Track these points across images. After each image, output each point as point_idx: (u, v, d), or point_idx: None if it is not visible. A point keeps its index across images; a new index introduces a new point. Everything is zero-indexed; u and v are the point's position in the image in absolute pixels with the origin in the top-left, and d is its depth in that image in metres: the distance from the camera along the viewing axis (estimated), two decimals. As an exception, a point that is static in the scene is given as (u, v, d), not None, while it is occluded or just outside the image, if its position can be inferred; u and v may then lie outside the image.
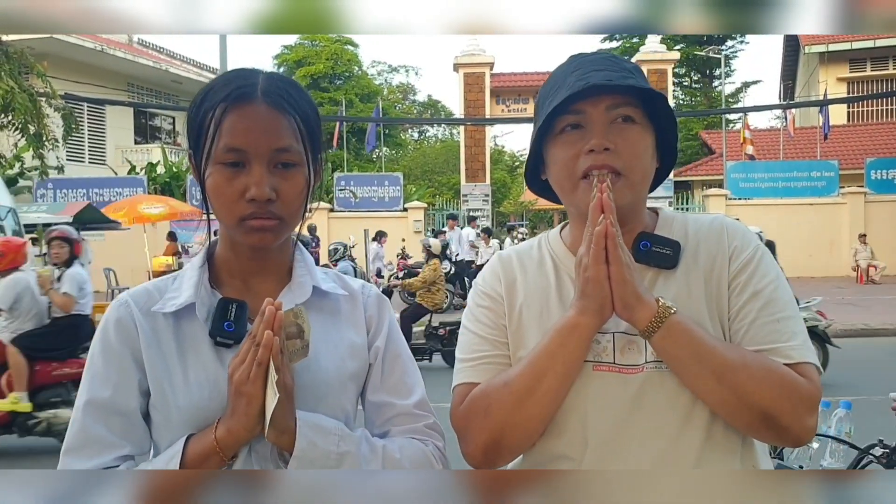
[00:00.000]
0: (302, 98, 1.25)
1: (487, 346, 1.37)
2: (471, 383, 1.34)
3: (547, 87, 1.36)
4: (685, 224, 1.37)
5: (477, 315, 1.40)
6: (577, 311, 1.24)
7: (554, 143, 1.32)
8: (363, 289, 1.38)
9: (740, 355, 1.22)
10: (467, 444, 1.31)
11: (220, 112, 1.18)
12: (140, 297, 1.26)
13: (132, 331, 1.22)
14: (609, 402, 1.26)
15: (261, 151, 1.18)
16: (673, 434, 1.25)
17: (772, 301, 1.28)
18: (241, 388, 1.12)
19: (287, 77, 1.28)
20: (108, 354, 1.21)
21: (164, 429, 1.20)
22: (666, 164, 1.38)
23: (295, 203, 1.22)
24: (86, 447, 1.17)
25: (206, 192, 1.21)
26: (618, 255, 1.20)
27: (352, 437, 1.21)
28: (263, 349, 1.11)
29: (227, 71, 1.28)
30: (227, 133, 1.18)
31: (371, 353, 1.33)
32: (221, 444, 1.14)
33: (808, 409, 1.22)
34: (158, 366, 1.20)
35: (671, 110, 1.33)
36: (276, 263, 1.31)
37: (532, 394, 1.25)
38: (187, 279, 1.27)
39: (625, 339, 1.28)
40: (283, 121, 1.20)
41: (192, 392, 1.19)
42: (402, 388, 1.33)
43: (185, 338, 1.23)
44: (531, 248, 1.45)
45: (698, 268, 1.32)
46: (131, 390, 1.20)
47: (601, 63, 1.31)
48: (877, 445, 2.89)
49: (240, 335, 1.20)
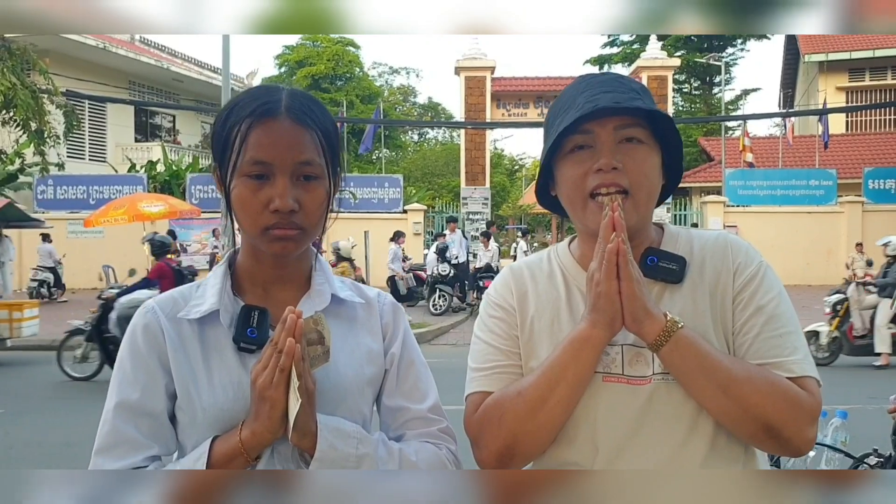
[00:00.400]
0: (323, 114, 1.30)
1: (500, 356, 1.41)
2: (484, 392, 1.39)
3: (557, 106, 1.41)
4: (690, 240, 1.42)
5: (490, 326, 1.45)
6: (589, 324, 1.28)
7: (563, 162, 1.37)
8: (378, 297, 1.43)
9: (744, 368, 1.27)
10: (481, 451, 1.36)
11: (245, 127, 1.23)
12: (166, 304, 1.31)
13: (159, 336, 1.27)
14: (618, 412, 1.31)
15: (285, 164, 1.23)
16: (679, 443, 1.30)
17: (775, 316, 1.33)
18: (265, 392, 1.17)
19: (308, 94, 1.33)
20: (136, 359, 1.26)
21: (190, 430, 1.25)
22: (672, 182, 1.43)
23: (316, 214, 1.27)
24: (117, 447, 1.22)
25: (231, 202, 1.26)
26: (628, 271, 1.25)
27: (370, 439, 1.26)
28: (286, 356, 1.15)
29: (252, 88, 1.33)
30: (252, 147, 1.22)
31: (387, 359, 1.38)
32: (246, 445, 1.19)
33: (808, 421, 1.27)
34: (185, 369, 1.25)
35: (677, 131, 1.37)
36: (295, 272, 1.35)
37: (544, 403, 1.30)
38: (210, 287, 1.32)
39: (633, 352, 1.33)
40: (305, 135, 1.25)
41: (217, 395, 1.24)
42: (416, 393, 1.38)
43: (210, 343, 1.28)
44: (541, 260, 1.50)
45: (703, 283, 1.37)
46: (159, 393, 1.25)
47: (610, 84, 1.36)
48: (871, 455, 2.94)
49: (262, 341, 1.25)
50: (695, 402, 1.29)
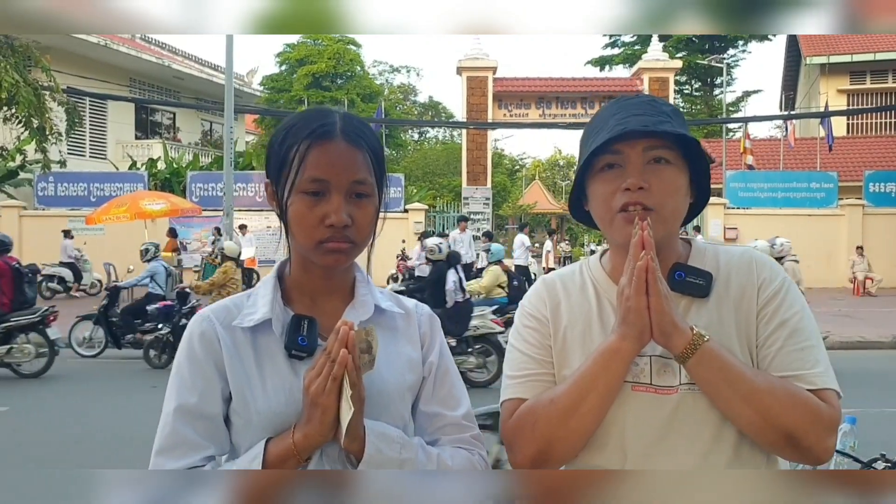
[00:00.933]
0: (372, 136, 1.39)
1: (534, 365, 1.47)
2: (519, 399, 1.45)
3: (591, 127, 1.48)
4: (716, 255, 1.47)
5: (524, 335, 1.50)
6: (619, 336, 1.34)
7: (595, 180, 1.43)
8: (416, 307, 1.51)
9: (767, 381, 1.32)
10: (515, 455, 1.42)
11: (304, 147, 1.32)
12: (220, 313, 1.38)
13: (215, 343, 1.34)
14: (646, 420, 1.37)
15: (340, 183, 1.31)
16: (704, 451, 1.35)
17: (797, 331, 1.38)
18: (317, 399, 1.24)
19: (358, 117, 1.42)
20: (193, 364, 1.33)
21: (245, 431, 1.32)
22: (700, 200, 1.48)
23: (367, 229, 1.36)
24: (177, 448, 1.29)
25: (288, 217, 1.34)
26: (657, 287, 1.30)
27: (412, 444, 1.34)
28: (338, 366, 1.22)
29: (306, 110, 1.41)
30: (311, 166, 1.31)
31: (425, 367, 1.45)
32: (298, 447, 1.26)
33: (828, 431, 1.32)
34: (240, 375, 1.32)
35: (703, 152, 1.42)
36: (341, 283, 1.43)
37: (576, 410, 1.35)
38: (261, 297, 1.39)
39: (660, 362, 1.38)
40: (358, 156, 1.34)
41: (270, 399, 1.31)
42: (451, 400, 1.44)
43: (263, 350, 1.35)
44: (573, 273, 1.55)
45: (729, 298, 1.41)
46: (215, 397, 1.32)
47: (641, 108, 1.42)
48: (879, 460, 2.96)
49: (312, 348, 1.33)
50: (719, 411, 1.34)
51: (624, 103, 1.45)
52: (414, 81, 61.68)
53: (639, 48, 34.50)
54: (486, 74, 25.78)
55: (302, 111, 1.40)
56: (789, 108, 34.51)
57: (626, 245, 1.35)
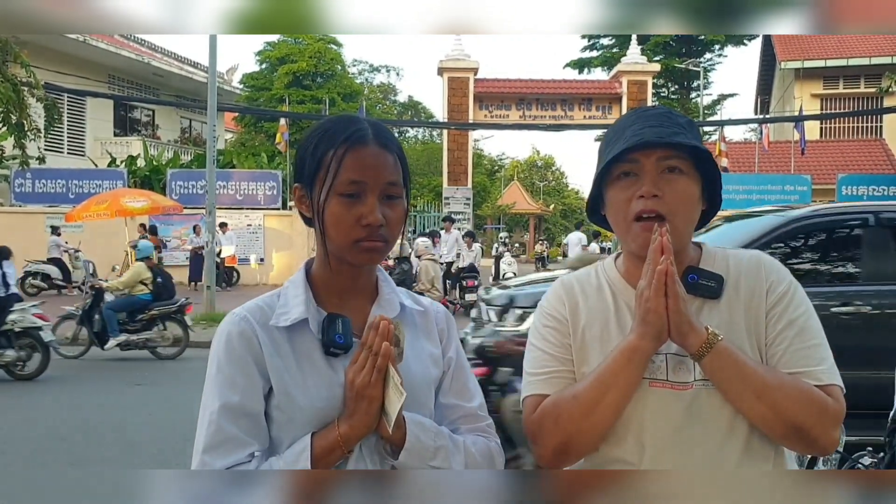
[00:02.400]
0: (398, 142, 1.46)
1: (555, 363, 1.55)
2: (541, 395, 1.53)
3: (609, 135, 1.56)
4: (726, 258, 1.57)
5: (544, 335, 1.59)
6: (638, 336, 1.43)
7: (611, 187, 1.52)
8: (433, 305, 1.58)
9: (777, 377, 1.42)
10: (539, 448, 1.51)
11: (342, 151, 1.38)
12: (255, 312, 1.42)
13: (254, 342, 1.38)
14: (663, 414, 1.46)
15: (375, 184, 1.38)
16: (718, 442, 1.44)
17: (804, 330, 1.48)
18: (364, 391, 1.31)
19: (383, 124, 1.49)
20: (234, 363, 1.37)
21: (287, 427, 1.36)
22: (713, 207, 1.59)
23: (397, 228, 1.42)
24: (222, 446, 1.32)
25: (324, 218, 1.39)
26: (675, 290, 1.40)
27: (442, 433, 1.42)
28: (382, 358, 1.31)
29: (334, 117, 1.48)
30: (348, 169, 1.37)
31: (445, 361, 1.53)
32: (344, 439, 1.32)
33: (834, 424, 1.43)
34: (282, 373, 1.36)
35: (715, 163, 1.53)
36: (367, 283, 1.50)
37: (597, 405, 1.44)
38: (292, 297, 1.44)
39: (676, 360, 1.47)
40: (390, 159, 1.41)
41: (312, 396, 1.36)
42: (466, 392, 1.53)
43: (300, 348, 1.39)
44: (589, 275, 1.64)
45: (739, 299, 1.51)
46: (257, 395, 1.36)
47: (657, 119, 1.51)
48: (865, 455, 3.09)
49: (348, 346, 1.38)
50: (732, 406, 1.43)
51: (641, 114, 1.54)
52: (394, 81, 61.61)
53: (617, 51, 34.75)
54: (468, 75, 25.88)
55: (331, 118, 1.46)
56: (764, 111, 34.93)
57: (641, 252, 1.44)
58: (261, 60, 37.01)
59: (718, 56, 39.10)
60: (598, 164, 1.56)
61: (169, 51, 32.96)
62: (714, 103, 38.81)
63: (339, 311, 1.42)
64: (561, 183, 56.02)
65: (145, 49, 30.40)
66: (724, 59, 66.06)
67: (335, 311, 1.42)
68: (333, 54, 36.14)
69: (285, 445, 1.35)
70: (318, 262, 1.48)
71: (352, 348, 1.37)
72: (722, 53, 38.90)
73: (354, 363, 1.34)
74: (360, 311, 1.44)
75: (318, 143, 1.41)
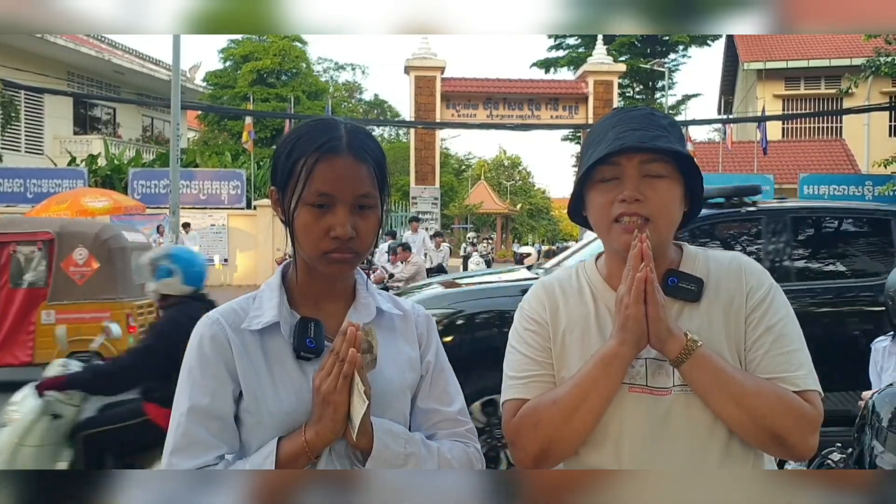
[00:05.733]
0: (377, 148, 1.43)
1: (535, 367, 1.53)
2: (521, 399, 1.51)
3: (590, 137, 1.54)
4: (706, 261, 1.55)
5: (524, 338, 1.57)
6: (618, 342, 1.42)
7: (593, 189, 1.50)
8: (413, 308, 1.57)
9: (755, 383, 1.41)
10: (518, 452, 1.49)
11: (312, 161, 1.35)
12: (228, 315, 1.41)
13: (225, 345, 1.37)
14: (642, 419, 1.44)
15: (345, 196, 1.35)
16: (696, 448, 1.43)
17: (783, 335, 1.47)
18: (329, 397, 1.30)
19: (363, 128, 1.45)
20: (205, 366, 1.36)
21: (256, 430, 1.36)
22: (694, 209, 1.56)
23: (369, 239, 1.40)
24: (190, 448, 1.32)
25: (294, 227, 1.38)
26: (655, 297, 1.39)
27: (415, 439, 1.41)
28: (349, 365, 1.29)
29: (312, 121, 1.44)
30: (317, 180, 1.34)
31: (423, 366, 1.51)
32: (310, 445, 1.32)
33: (811, 430, 1.42)
34: (251, 377, 1.36)
35: (696, 166, 1.50)
36: (343, 287, 1.48)
37: (577, 411, 1.43)
38: (267, 300, 1.43)
39: (655, 365, 1.46)
40: (363, 170, 1.37)
41: (282, 400, 1.35)
42: (446, 397, 1.51)
43: (271, 352, 1.39)
44: (570, 277, 1.62)
45: (719, 302, 1.50)
46: (227, 398, 1.36)
47: (639, 121, 1.48)
48: (834, 451, 3.11)
49: (319, 350, 1.38)
50: (711, 412, 1.42)
51: (624, 115, 1.51)
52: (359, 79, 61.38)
53: (583, 51, 34.99)
54: (435, 74, 25.88)
55: (308, 123, 1.43)
56: (728, 111, 35.46)
57: (622, 252, 1.43)
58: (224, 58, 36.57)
59: (683, 57, 39.58)
60: (579, 167, 1.54)
61: (130, 48, 32.45)
62: (679, 103, 39.26)
63: (314, 314, 1.42)
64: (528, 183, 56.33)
65: (105, 46, 29.85)
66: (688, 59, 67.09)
67: (310, 315, 1.41)
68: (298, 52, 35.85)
69: (254, 448, 1.35)
70: (293, 266, 1.47)
71: (324, 352, 1.36)
72: (686, 54, 39.38)
73: (322, 369, 1.32)
74: (336, 315, 1.43)
75: (292, 149, 1.39)
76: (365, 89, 52.95)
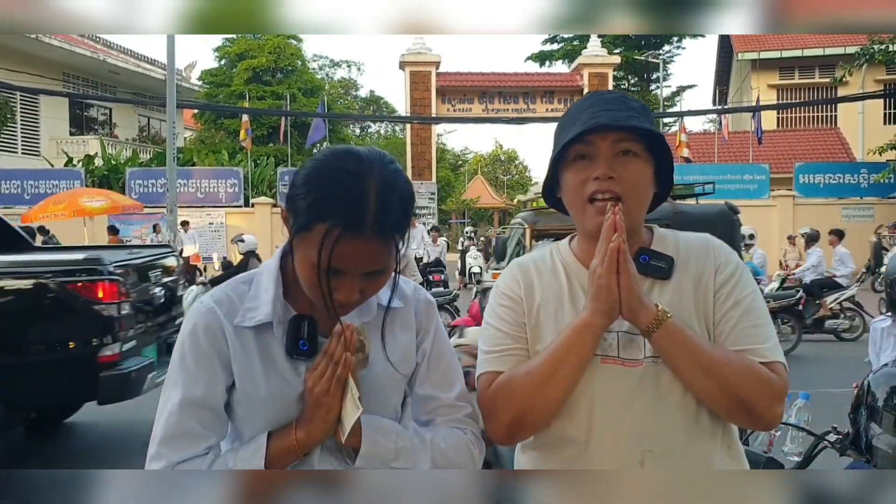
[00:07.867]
0: (404, 211, 1.33)
1: (509, 341, 1.58)
2: (495, 371, 1.55)
3: (564, 119, 1.59)
4: (676, 241, 1.61)
5: (499, 313, 1.61)
6: (590, 312, 1.46)
7: (567, 169, 1.55)
8: (415, 292, 1.53)
9: (724, 353, 1.47)
10: (492, 422, 1.53)
11: (331, 238, 1.25)
12: (223, 304, 1.39)
13: (220, 336, 1.36)
14: (613, 390, 1.49)
15: (358, 273, 1.31)
16: (666, 418, 1.48)
17: (750, 310, 1.52)
18: (321, 399, 1.31)
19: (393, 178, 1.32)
20: (198, 357, 1.36)
21: (247, 421, 1.38)
22: (663, 190, 1.61)
23: (374, 293, 1.39)
24: (181, 438, 1.33)
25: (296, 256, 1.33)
26: (627, 267, 1.43)
27: (405, 433, 1.42)
28: (342, 368, 1.30)
29: (339, 169, 1.31)
30: (334, 257, 1.26)
31: (419, 353, 1.51)
32: (300, 443, 1.33)
33: (777, 399, 1.47)
34: (245, 370, 1.36)
35: (667, 146, 1.56)
36: None
37: (550, 381, 1.47)
38: (263, 291, 1.40)
39: (627, 337, 1.51)
40: (384, 248, 1.30)
41: (274, 396, 1.36)
42: (444, 382, 1.52)
43: (265, 349, 1.38)
44: (544, 257, 1.67)
45: (688, 279, 1.55)
46: (219, 389, 1.36)
47: (612, 103, 1.54)
48: (831, 432, 3.17)
49: (312, 352, 1.37)
50: (681, 383, 1.47)
51: (596, 98, 1.57)
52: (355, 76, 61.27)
53: (578, 44, 34.91)
54: (430, 69, 25.86)
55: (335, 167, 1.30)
56: (722, 102, 35.42)
57: (595, 233, 1.47)
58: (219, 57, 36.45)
59: (677, 48, 39.38)
60: (553, 148, 1.58)
61: (125, 48, 32.40)
62: (674, 95, 39.22)
63: (310, 309, 1.39)
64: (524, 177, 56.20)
65: (101, 46, 29.81)
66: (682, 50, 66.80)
67: (306, 310, 1.39)
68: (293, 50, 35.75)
69: (245, 437, 1.36)
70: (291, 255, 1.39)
71: (320, 353, 1.35)
72: (680, 45, 39.15)
73: (315, 370, 1.33)
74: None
75: (313, 203, 1.28)
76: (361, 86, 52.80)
